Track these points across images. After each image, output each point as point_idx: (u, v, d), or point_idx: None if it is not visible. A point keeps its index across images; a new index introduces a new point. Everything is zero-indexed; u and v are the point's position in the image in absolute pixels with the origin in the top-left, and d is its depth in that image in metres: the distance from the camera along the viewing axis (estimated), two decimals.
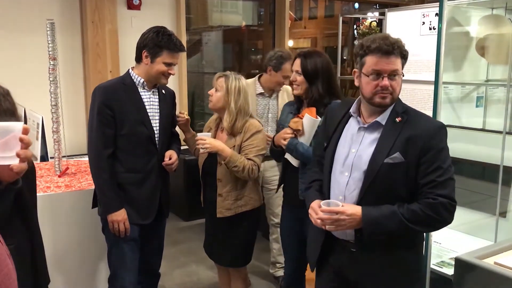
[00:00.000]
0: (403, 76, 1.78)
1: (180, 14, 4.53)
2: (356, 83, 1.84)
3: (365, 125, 1.82)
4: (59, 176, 3.00)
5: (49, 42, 2.86)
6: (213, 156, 2.61)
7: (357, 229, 1.77)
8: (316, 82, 2.39)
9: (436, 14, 3.69)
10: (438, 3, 3.74)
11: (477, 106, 3.76)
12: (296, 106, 2.54)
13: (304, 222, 2.30)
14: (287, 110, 2.58)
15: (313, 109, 2.38)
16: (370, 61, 1.72)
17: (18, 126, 1.14)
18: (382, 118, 1.78)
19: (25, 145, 1.12)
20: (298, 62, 2.44)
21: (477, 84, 3.63)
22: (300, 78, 2.42)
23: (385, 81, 1.70)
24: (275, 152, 2.57)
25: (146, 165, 2.50)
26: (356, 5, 8.59)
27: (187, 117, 2.73)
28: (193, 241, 4.27)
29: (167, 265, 3.60)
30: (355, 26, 8.64)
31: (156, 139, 2.52)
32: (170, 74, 2.49)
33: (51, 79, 2.91)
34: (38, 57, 3.64)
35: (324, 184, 1.93)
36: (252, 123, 2.61)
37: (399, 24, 4.00)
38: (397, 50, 1.71)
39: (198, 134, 2.57)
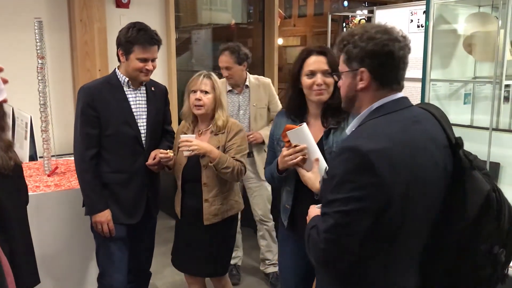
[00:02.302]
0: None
1: (169, 12, 4.52)
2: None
3: None
4: (49, 176, 2.98)
5: (37, 40, 2.84)
6: (193, 161, 2.47)
7: None
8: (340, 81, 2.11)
9: (424, 12, 3.71)
10: (426, 1, 3.79)
11: (464, 103, 3.80)
12: (299, 116, 2.11)
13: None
14: (284, 122, 2.12)
15: (289, 126, 2.01)
16: None
17: None
18: (350, 128, 1.54)
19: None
20: (321, 59, 2.01)
21: (464, 81, 3.67)
22: (330, 80, 2.00)
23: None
24: (277, 179, 2.12)
25: (132, 165, 2.48)
26: (345, 3, 8.64)
27: (171, 154, 2.50)
28: None
29: (158, 264, 3.58)
30: (344, 24, 8.68)
31: (142, 139, 2.50)
32: (148, 70, 2.40)
33: (39, 78, 2.89)
34: (25, 56, 3.60)
35: None
36: (233, 122, 2.55)
37: (388, 22, 4.03)
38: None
39: (182, 136, 2.43)
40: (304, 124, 1.95)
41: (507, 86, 3.40)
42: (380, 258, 1.37)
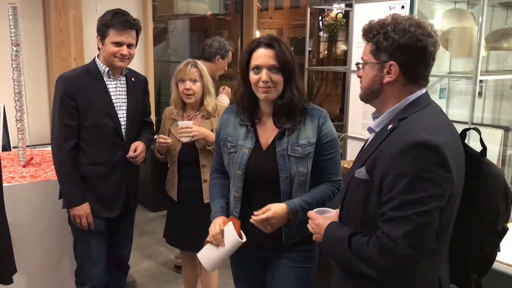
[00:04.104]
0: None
1: (146, 1, 4.44)
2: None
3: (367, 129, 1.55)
4: (24, 166, 2.91)
5: (12, 27, 2.76)
6: (188, 146, 2.57)
7: None
8: (294, 79, 1.83)
9: (402, 7, 3.76)
10: None
11: (440, 97, 3.87)
12: (249, 116, 1.91)
13: (269, 264, 1.97)
14: (233, 120, 1.95)
15: (238, 222, 1.86)
16: None
17: None
18: (378, 123, 1.46)
19: None
20: (269, 53, 1.78)
21: (440, 76, 3.73)
22: (277, 77, 1.78)
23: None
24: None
25: (112, 157, 2.43)
26: None
27: (170, 140, 2.59)
28: (161, 232, 4.17)
29: (136, 256, 3.56)
30: (320, 18, 8.72)
31: (122, 130, 2.45)
32: (123, 55, 2.35)
33: (14, 66, 2.81)
34: None
35: None
36: (222, 106, 2.70)
37: (366, 16, 4.05)
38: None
39: (180, 123, 2.51)
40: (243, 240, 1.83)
41: (480, 81, 3.48)
42: (430, 255, 1.34)
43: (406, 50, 1.36)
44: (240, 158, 1.88)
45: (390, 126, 1.39)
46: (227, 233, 1.84)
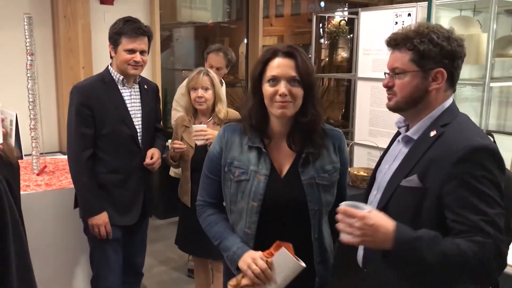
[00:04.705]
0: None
1: (154, 9, 4.48)
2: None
3: (401, 139, 1.55)
4: (38, 175, 2.92)
5: (27, 37, 2.79)
6: (201, 151, 2.56)
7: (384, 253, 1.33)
8: (314, 94, 1.59)
9: (409, 15, 3.80)
10: (410, 3, 3.88)
11: None
12: (259, 136, 1.63)
13: None
14: (237, 141, 1.66)
15: (290, 245, 1.51)
16: None
17: None
18: (416, 130, 1.47)
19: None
20: (288, 63, 1.55)
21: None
22: (297, 90, 1.54)
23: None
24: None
25: (129, 165, 2.45)
26: (322, 3, 8.73)
27: (184, 146, 2.61)
28: (170, 239, 4.21)
29: (146, 262, 3.55)
30: (320, 25, 8.77)
31: (139, 138, 2.47)
32: (136, 62, 2.36)
33: (28, 75, 2.83)
34: (10, 53, 3.51)
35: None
36: (231, 111, 2.75)
37: (372, 24, 4.10)
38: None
39: (194, 126, 2.54)
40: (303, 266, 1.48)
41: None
42: None
43: (454, 56, 1.40)
44: (255, 186, 1.58)
45: (433, 133, 1.41)
46: (280, 263, 1.48)
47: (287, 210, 1.60)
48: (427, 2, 3.75)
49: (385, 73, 1.52)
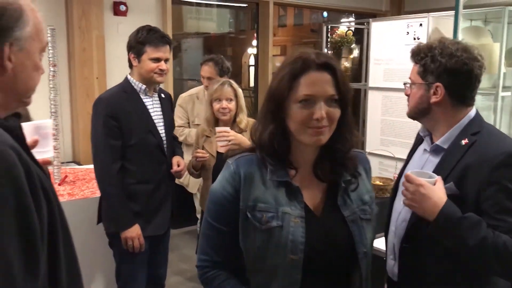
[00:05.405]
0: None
1: (167, 20, 4.52)
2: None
3: (428, 148, 1.60)
4: (59, 185, 2.94)
5: (50, 48, 2.82)
6: (222, 161, 2.60)
7: (401, 267, 1.54)
8: (349, 114, 1.28)
9: (421, 25, 3.86)
10: (422, 13, 3.94)
11: None
12: (285, 167, 1.28)
13: None
14: (257, 176, 1.27)
15: None
16: None
17: (49, 122, 1.26)
18: (446, 140, 1.52)
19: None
20: (326, 77, 1.21)
21: None
22: (335, 111, 1.22)
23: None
24: None
25: (157, 174, 2.45)
26: (325, 13, 8.80)
27: (207, 155, 2.63)
28: (185, 248, 4.27)
29: None
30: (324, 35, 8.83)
31: (164, 146, 2.49)
32: (162, 70, 2.39)
33: (51, 85, 2.87)
34: None
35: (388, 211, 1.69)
36: (252, 120, 2.78)
37: (383, 34, 4.16)
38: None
39: (218, 128, 2.58)
40: None
41: None
42: None
43: (453, 73, 1.47)
44: (292, 234, 1.22)
45: (464, 142, 1.47)
46: None
47: (333, 258, 1.26)
48: (438, 13, 3.82)
49: (404, 83, 1.63)
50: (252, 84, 6.27)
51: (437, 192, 1.40)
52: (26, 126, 1.19)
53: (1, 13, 0.98)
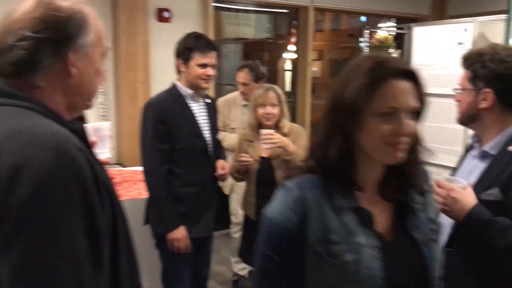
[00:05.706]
0: None
1: (209, 25, 4.60)
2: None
3: (477, 154, 1.60)
4: None
5: None
6: (266, 165, 2.67)
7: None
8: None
9: (465, 30, 3.80)
10: (467, 18, 3.87)
11: None
12: (351, 190, 1.13)
13: None
14: (323, 202, 1.11)
15: None
16: None
17: (106, 125, 1.31)
18: (494, 146, 1.53)
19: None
20: (408, 87, 1.07)
21: None
22: (415, 125, 1.10)
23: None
24: None
25: (203, 177, 2.52)
26: (363, 18, 8.75)
27: (251, 159, 2.68)
28: (222, 251, 4.30)
29: None
30: (360, 39, 8.77)
31: (209, 150, 2.56)
32: (209, 76, 2.44)
33: (100, 89, 2.95)
34: None
35: None
36: (294, 125, 2.83)
37: (426, 39, 4.11)
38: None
39: (262, 130, 2.62)
40: None
41: None
42: None
43: (502, 79, 1.47)
44: (367, 267, 1.07)
45: (510, 148, 1.48)
46: None
47: None
48: (485, 17, 3.75)
49: (454, 89, 1.63)
50: (287, 88, 6.29)
51: (467, 196, 1.44)
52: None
53: (66, 22, 1.05)
